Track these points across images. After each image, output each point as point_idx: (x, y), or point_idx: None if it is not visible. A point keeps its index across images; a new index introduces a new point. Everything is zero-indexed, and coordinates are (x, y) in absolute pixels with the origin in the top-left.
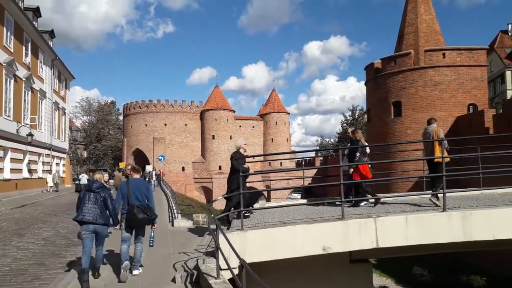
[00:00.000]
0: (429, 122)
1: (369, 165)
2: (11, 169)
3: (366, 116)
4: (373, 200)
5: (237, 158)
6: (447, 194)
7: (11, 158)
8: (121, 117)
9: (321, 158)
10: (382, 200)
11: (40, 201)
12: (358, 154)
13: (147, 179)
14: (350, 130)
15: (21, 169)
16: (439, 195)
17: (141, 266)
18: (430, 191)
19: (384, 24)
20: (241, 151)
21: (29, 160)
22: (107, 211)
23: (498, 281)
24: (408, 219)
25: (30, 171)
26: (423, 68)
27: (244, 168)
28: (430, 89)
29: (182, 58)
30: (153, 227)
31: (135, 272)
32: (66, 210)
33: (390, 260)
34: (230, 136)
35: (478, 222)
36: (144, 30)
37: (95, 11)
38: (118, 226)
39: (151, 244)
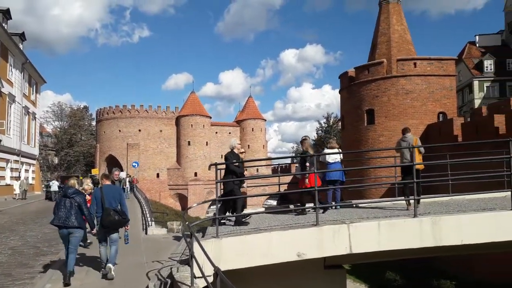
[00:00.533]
0: (406, 131)
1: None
2: None
3: (340, 123)
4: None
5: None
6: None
7: None
8: (94, 123)
9: (297, 165)
10: (356, 205)
11: (7, 209)
12: (308, 164)
13: (120, 186)
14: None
15: None
16: (411, 201)
17: (115, 264)
18: (403, 197)
19: (358, 33)
20: (235, 151)
21: None
22: (83, 215)
23: (467, 286)
24: (380, 225)
25: None
26: (395, 77)
27: (238, 169)
28: (402, 97)
29: (158, 63)
30: (126, 228)
31: (109, 275)
32: (35, 218)
33: (364, 265)
34: (206, 142)
35: (447, 227)
36: (119, 34)
37: (69, 14)
38: (94, 230)
39: (127, 242)
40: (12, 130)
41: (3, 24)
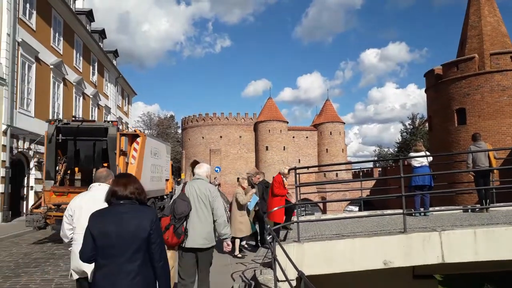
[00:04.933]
0: (479, 137)
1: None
2: None
3: (427, 124)
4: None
5: None
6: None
7: None
8: (179, 131)
9: (380, 169)
10: (446, 212)
11: None
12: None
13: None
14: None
15: None
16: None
17: None
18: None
19: (445, 29)
20: None
21: None
22: None
23: None
24: (476, 232)
25: None
26: (489, 73)
27: None
28: (498, 94)
29: (238, 71)
30: None
31: None
32: None
33: (458, 276)
34: (284, 147)
35: None
36: (203, 45)
37: (157, 29)
38: None
39: None
40: None
41: (99, 43)
